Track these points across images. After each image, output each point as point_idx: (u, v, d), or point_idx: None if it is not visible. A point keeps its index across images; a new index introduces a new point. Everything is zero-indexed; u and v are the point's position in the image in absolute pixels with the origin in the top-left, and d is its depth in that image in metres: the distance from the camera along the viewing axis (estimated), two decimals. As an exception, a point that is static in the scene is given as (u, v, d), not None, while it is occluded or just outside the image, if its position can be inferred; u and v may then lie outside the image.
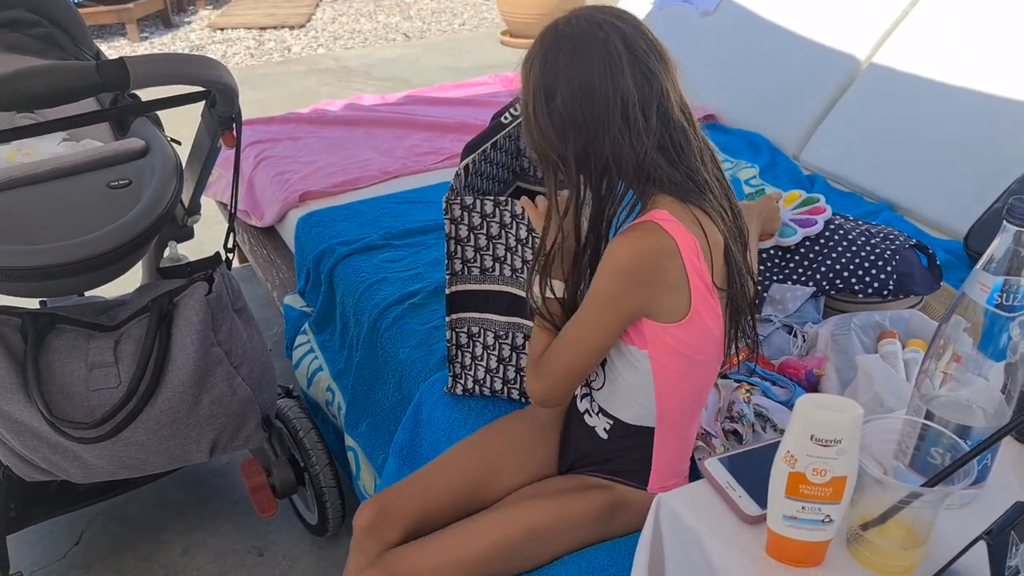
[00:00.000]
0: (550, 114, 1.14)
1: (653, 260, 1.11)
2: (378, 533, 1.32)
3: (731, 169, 2.54)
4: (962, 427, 0.88)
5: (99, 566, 1.95)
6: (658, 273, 1.12)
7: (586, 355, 1.20)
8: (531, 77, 1.15)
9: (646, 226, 1.12)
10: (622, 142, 1.12)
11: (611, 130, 1.11)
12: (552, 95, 1.13)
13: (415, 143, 2.75)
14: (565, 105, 1.12)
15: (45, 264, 1.41)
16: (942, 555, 0.80)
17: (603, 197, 1.18)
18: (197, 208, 1.87)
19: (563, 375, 1.22)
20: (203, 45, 5.94)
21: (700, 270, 1.13)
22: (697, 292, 1.14)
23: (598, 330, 1.17)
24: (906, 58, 2.48)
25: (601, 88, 1.10)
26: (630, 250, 1.12)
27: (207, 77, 1.42)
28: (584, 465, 1.33)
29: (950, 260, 1.97)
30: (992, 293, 0.83)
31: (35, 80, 1.27)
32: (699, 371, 1.22)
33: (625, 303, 1.14)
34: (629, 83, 1.10)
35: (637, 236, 1.12)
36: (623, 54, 1.10)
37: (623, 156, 1.12)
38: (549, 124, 1.14)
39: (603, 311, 1.16)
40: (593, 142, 1.13)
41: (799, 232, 1.76)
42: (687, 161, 1.16)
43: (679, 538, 0.94)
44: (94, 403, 1.48)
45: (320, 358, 2.11)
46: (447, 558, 1.24)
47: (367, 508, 1.34)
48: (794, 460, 0.80)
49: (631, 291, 1.13)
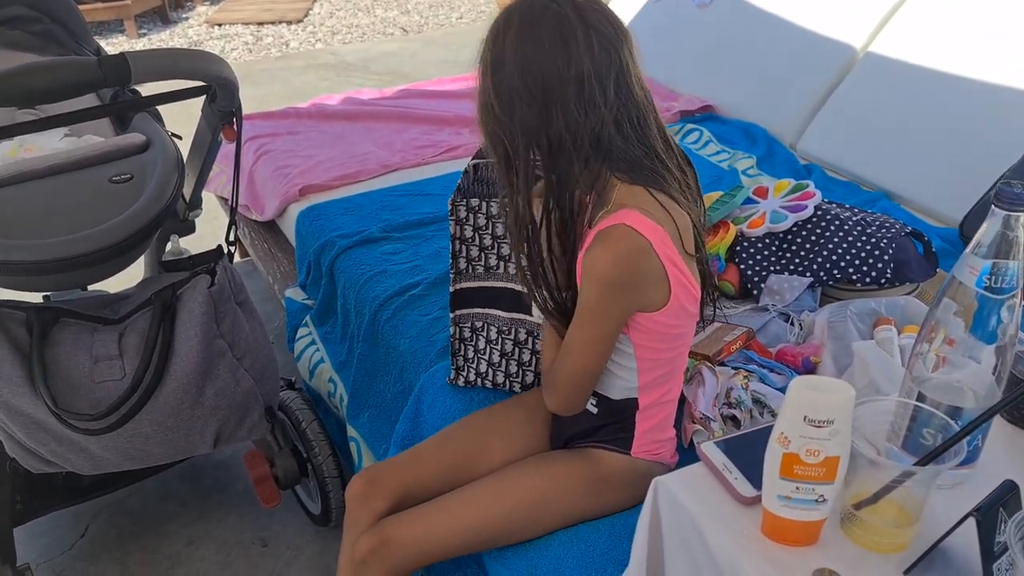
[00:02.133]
0: (495, 88, 1.12)
1: (632, 263, 1.12)
2: (367, 503, 1.36)
3: (728, 159, 2.56)
4: (953, 408, 0.90)
5: (105, 558, 1.97)
6: (639, 275, 1.13)
7: (589, 363, 1.21)
8: (483, 51, 1.15)
9: (618, 231, 1.11)
10: (578, 116, 1.09)
11: (565, 103, 1.09)
12: (498, 69, 1.12)
13: (414, 136, 2.76)
14: (511, 79, 1.10)
15: (49, 258, 1.42)
16: (934, 533, 0.82)
17: (561, 177, 1.15)
18: (198, 202, 1.88)
19: (573, 384, 1.24)
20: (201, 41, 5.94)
21: (675, 259, 1.15)
22: (675, 280, 1.16)
23: (596, 339, 1.18)
24: (902, 47, 2.49)
25: (552, 59, 1.08)
26: (608, 259, 1.12)
27: (208, 72, 1.43)
28: (572, 440, 1.37)
29: (946, 248, 1.99)
30: (981, 276, 0.85)
31: (37, 76, 1.28)
32: (678, 342, 1.25)
33: (615, 309, 1.16)
34: (583, 54, 1.08)
35: (612, 243, 1.12)
36: (577, 25, 1.08)
37: (579, 130, 1.10)
38: (495, 99, 1.13)
39: (597, 321, 1.17)
40: (544, 115, 1.10)
41: (790, 217, 1.78)
42: (646, 140, 1.15)
43: (677, 520, 0.96)
44: (99, 395, 1.50)
45: (322, 350, 2.12)
46: (441, 525, 1.28)
47: (358, 479, 1.39)
48: (788, 441, 0.81)
49: (618, 297, 1.15)
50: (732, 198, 1.92)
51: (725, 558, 0.88)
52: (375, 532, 1.29)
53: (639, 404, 1.28)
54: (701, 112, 2.88)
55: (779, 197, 1.89)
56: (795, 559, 0.85)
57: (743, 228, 1.83)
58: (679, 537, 0.96)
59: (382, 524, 1.31)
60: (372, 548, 1.28)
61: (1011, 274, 0.84)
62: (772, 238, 1.81)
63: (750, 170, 2.48)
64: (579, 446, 1.35)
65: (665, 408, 1.31)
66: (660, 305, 1.17)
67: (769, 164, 2.50)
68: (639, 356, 1.23)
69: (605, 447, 1.32)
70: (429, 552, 1.29)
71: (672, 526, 0.97)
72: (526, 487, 1.29)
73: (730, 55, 2.95)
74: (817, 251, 1.76)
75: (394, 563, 1.28)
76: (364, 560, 1.28)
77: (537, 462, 1.34)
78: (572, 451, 1.35)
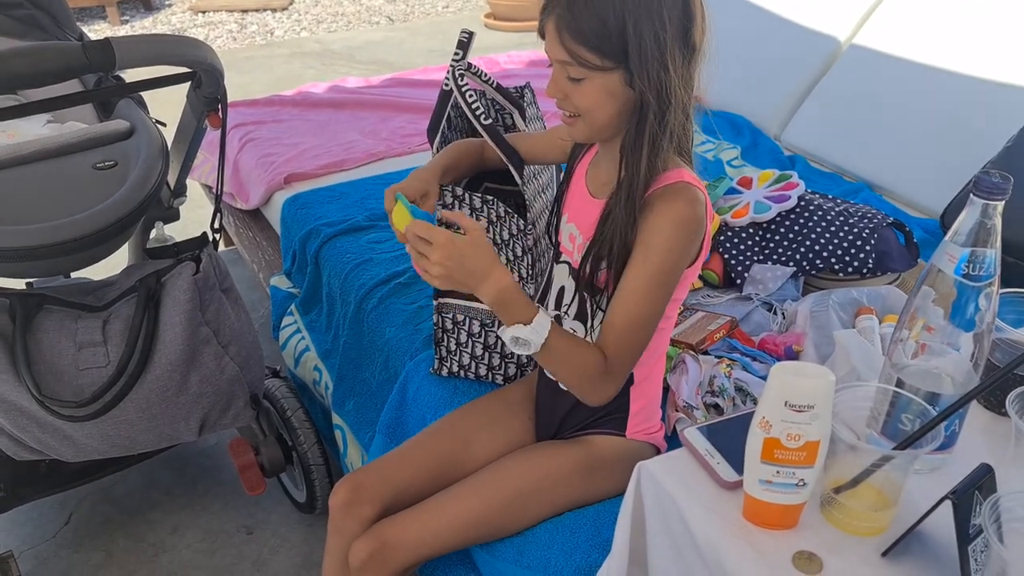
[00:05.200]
0: (672, 43, 1.12)
1: (700, 214, 1.14)
2: (353, 510, 1.34)
3: (713, 150, 2.57)
4: (931, 395, 0.91)
5: (89, 545, 1.97)
6: (703, 225, 1.16)
7: (647, 308, 1.16)
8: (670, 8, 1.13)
9: (683, 184, 1.14)
10: (680, 79, 1.13)
11: (678, 63, 1.13)
12: (670, 23, 1.12)
13: (400, 125, 2.76)
14: (673, 38, 1.12)
15: (32, 244, 1.41)
16: (912, 517, 0.83)
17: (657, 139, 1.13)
18: (183, 190, 1.87)
19: (633, 360, 1.19)
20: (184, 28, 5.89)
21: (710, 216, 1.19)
22: (707, 236, 1.19)
23: (660, 282, 1.15)
24: (886, 39, 2.50)
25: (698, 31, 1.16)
26: (683, 203, 1.13)
27: (192, 57, 1.43)
28: (563, 429, 1.37)
29: (927, 238, 2.01)
30: (960, 263, 0.86)
31: (19, 60, 1.27)
32: (670, 320, 1.26)
33: (683, 254, 1.15)
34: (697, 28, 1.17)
35: (683, 192, 1.13)
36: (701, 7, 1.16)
37: (679, 96, 1.13)
38: (676, 52, 1.13)
39: (664, 261, 1.13)
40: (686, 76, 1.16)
41: (773, 208, 1.79)
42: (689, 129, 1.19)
43: (659, 505, 0.97)
44: (83, 382, 1.50)
45: (307, 338, 2.12)
46: (439, 523, 1.27)
47: (342, 487, 1.36)
48: (769, 426, 0.82)
49: (687, 242, 1.14)
50: (714, 188, 1.94)
51: (707, 542, 0.89)
52: (373, 536, 1.27)
53: (634, 378, 1.28)
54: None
55: (763, 187, 1.90)
56: (776, 542, 0.86)
57: (727, 218, 1.85)
58: (662, 521, 0.97)
59: (379, 528, 1.29)
60: (371, 552, 1.26)
61: (989, 262, 0.86)
62: (756, 228, 1.83)
63: (734, 161, 2.49)
64: (572, 435, 1.35)
65: (653, 385, 1.32)
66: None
67: (753, 155, 2.52)
68: None
69: (599, 432, 1.32)
70: (428, 551, 1.28)
71: (655, 511, 0.98)
72: (521, 477, 1.29)
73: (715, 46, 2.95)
74: (800, 241, 1.77)
75: (395, 565, 1.27)
76: (363, 565, 1.26)
77: (531, 452, 1.34)
78: (563, 440, 1.36)
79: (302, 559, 1.93)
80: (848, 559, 0.84)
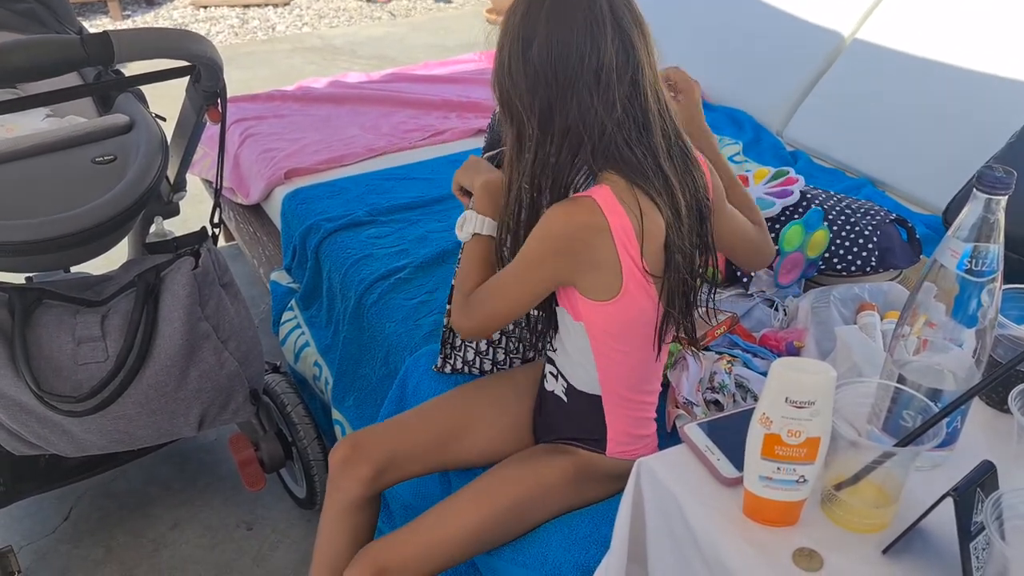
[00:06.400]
0: (524, 63, 1.13)
1: (582, 235, 1.13)
2: (350, 468, 1.36)
3: (715, 145, 2.56)
4: (933, 391, 0.90)
5: (89, 541, 1.97)
6: (584, 248, 1.13)
7: (510, 307, 1.23)
8: (511, 23, 1.15)
9: (583, 202, 1.13)
10: (590, 106, 1.11)
11: (580, 91, 1.11)
12: (529, 44, 1.12)
13: (400, 120, 2.75)
14: (540, 57, 1.11)
15: (31, 239, 1.41)
16: (913, 514, 0.83)
17: (561, 161, 1.16)
18: (183, 184, 1.87)
19: (489, 318, 1.25)
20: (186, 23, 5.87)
21: (632, 253, 1.13)
22: (629, 273, 1.14)
23: (522, 287, 1.20)
24: (890, 34, 2.49)
25: (579, 47, 1.10)
26: (561, 220, 1.14)
27: (191, 51, 1.42)
28: (551, 433, 1.37)
29: (929, 234, 2.00)
30: (962, 259, 0.85)
31: (18, 53, 1.27)
32: (637, 349, 1.23)
33: (547, 269, 1.17)
34: (608, 49, 1.10)
35: (571, 209, 1.13)
36: (607, 19, 1.10)
37: (589, 120, 1.12)
38: (522, 73, 1.13)
39: (527, 271, 1.18)
40: (560, 100, 1.12)
41: (777, 204, 1.78)
42: (647, 144, 1.15)
43: (659, 501, 0.96)
44: (82, 377, 1.49)
45: (307, 334, 2.12)
46: (433, 541, 1.26)
47: (342, 444, 1.39)
48: (769, 422, 0.82)
49: (554, 259, 1.16)
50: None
51: (707, 539, 0.88)
52: (368, 562, 1.25)
53: (604, 402, 1.27)
54: (688, 98, 2.88)
55: (761, 184, 1.89)
56: (776, 539, 0.86)
57: (730, 215, 1.84)
58: (661, 518, 0.96)
59: (374, 552, 1.27)
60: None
61: (992, 257, 0.85)
62: (758, 225, 1.82)
63: (736, 156, 2.48)
64: (557, 441, 1.35)
65: (637, 409, 1.29)
66: (608, 296, 1.16)
67: (755, 151, 2.51)
68: (595, 348, 1.22)
69: (582, 446, 1.31)
70: (425, 569, 1.27)
71: (654, 507, 0.97)
72: (510, 491, 1.28)
73: (718, 41, 2.95)
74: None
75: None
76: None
77: (518, 465, 1.33)
78: (552, 448, 1.34)
79: (302, 555, 1.93)
80: (849, 556, 0.83)
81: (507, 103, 1.18)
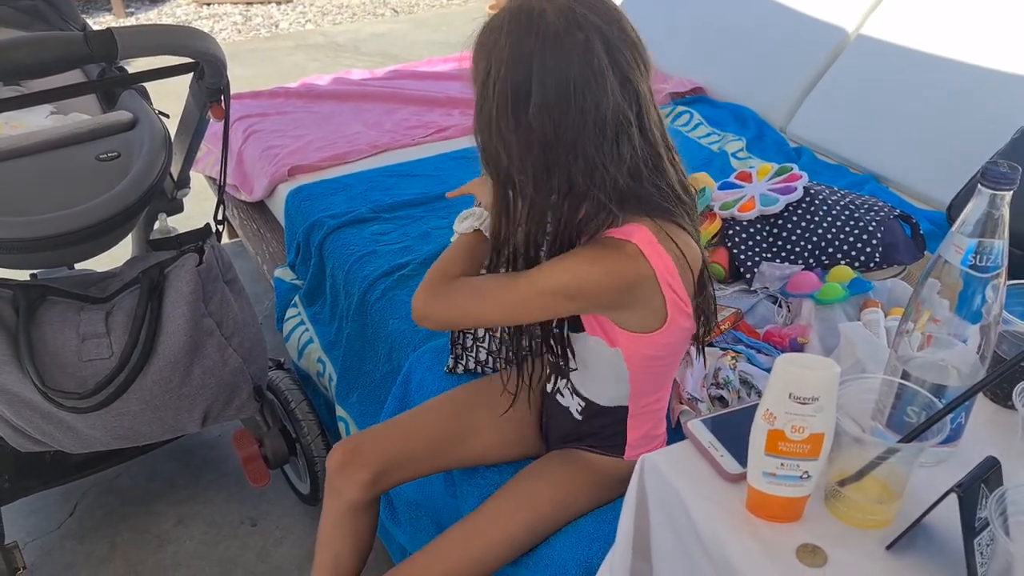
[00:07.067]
0: (516, 124, 1.02)
1: (624, 284, 1.06)
2: (348, 471, 1.35)
3: (718, 142, 2.56)
4: (937, 387, 0.90)
5: (93, 536, 1.97)
6: (625, 294, 1.08)
7: (493, 317, 1.17)
8: (493, 73, 1.03)
9: (626, 248, 1.04)
10: (596, 162, 1.02)
11: (585, 148, 1.01)
12: (519, 103, 1.01)
13: (404, 117, 2.75)
14: (536, 119, 1.00)
15: (35, 236, 1.41)
16: (917, 510, 0.83)
17: (566, 218, 1.07)
18: (186, 181, 1.87)
19: (459, 315, 1.17)
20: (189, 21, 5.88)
21: (676, 288, 1.09)
22: (673, 305, 1.10)
23: (524, 308, 1.11)
24: (894, 30, 2.49)
25: (578, 104, 0.99)
26: (600, 269, 1.05)
27: (195, 48, 1.42)
28: (563, 438, 1.35)
29: (933, 230, 2.00)
30: (967, 255, 0.85)
31: (21, 50, 1.27)
32: (672, 359, 1.22)
33: (565, 307, 1.11)
34: (609, 100, 1.00)
35: (612, 257, 1.05)
36: (606, 66, 1.00)
37: (597, 178, 1.02)
38: (513, 134, 1.03)
39: (542, 296, 1.09)
40: (563, 163, 1.02)
41: (781, 200, 1.78)
42: (662, 179, 1.08)
43: (663, 497, 0.96)
44: (86, 373, 1.49)
45: (311, 330, 2.12)
46: (461, 561, 1.24)
47: (339, 448, 1.37)
48: (773, 418, 0.82)
49: (578, 303, 1.10)
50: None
51: (710, 534, 0.88)
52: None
53: (629, 411, 1.25)
54: (691, 94, 2.88)
55: (764, 181, 1.89)
56: (779, 535, 0.86)
57: (734, 212, 1.83)
58: (665, 514, 0.96)
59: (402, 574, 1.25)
60: None
61: (996, 253, 0.85)
62: (763, 222, 1.81)
63: (739, 153, 2.48)
64: (570, 447, 1.33)
65: (657, 413, 1.29)
66: (652, 327, 1.12)
67: (759, 147, 2.50)
68: (632, 369, 1.18)
69: (597, 452, 1.30)
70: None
71: (658, 503, 0.97)
72: (533, 509, 1.26)
73: (721, 37, 2.94)
74: (808, 237, 1.76)
75: None
76: None
77: (537, 479, 1.30)
78: (566, 457, 1.32)
79: (306, 551, 1.93)
80: (852, 552, 0.83)
81: (493, 160, 1.07)
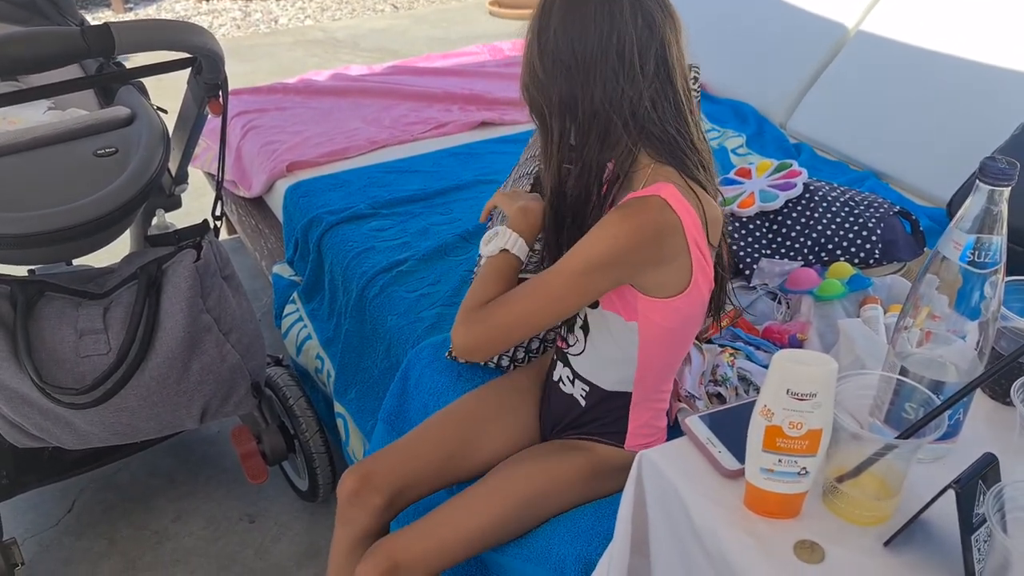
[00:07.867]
0: (542, 56, 1.11)
1: (654, 235, 1.08)
2: (362, 500, 1.32)
3: (718, 138, 2.55)
4: (935, 383, 0.90)
5: (91, 533, 1.97)
6: (656, 248, 1.10)
7: (537, 315, 1.16)
8: (531, 24, 1.14)
9: (651, 201, 1.09)
10: (616, 87, 1.08)
11: (605, 73, 1.08)
12: (544, 35, 1.10)
13: (402, 113, 2.74)
14: (556, 45, 1.09)
15: (33, 231, 1.41)
16: (915, 506, 0.83)
17: (594, 147, 1.13)
18: (184, 177, 1.87)
19: (503, 333, 1.17)
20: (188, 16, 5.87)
21: (701, 245, 1.12)
22: (698, 266, 1.13)
23: (569, 296, 1.14)
24: (894, 26, 2.48)
25: (597, 27, 1.07)
26: (631, 225, 1.08)
27: (192, 43, 1.42)
28: (564, 430, 1.35)
29: (933, 227, 1.99)
30: (965, 250, 0.85)
31: (19, 45, 1.26)
32: (683, 338, 1.23)
33: (607, 278, 1.13)
34: (628, 26, 1.07)
35: (642, 211, 1.08)
36: (627, 3, 1.07)
37: (616, 101, 1.09)
38: (539, 63, 1.12)
39: (585, 275, 1.12)
40: (584, 85, 1.09)
41: (780, 196, 1.78)
42: (682, 122, 1.12)
43: (661, 493, 0.96)
44: (84, 369, 1.49)
45: (309, 326, 2.12)
46: (447, 537, 1.25)
47: (349, 477, 1.34)
48: (771, 414, 0.82)
49: (618, 267, 1.11)
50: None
51: (708, 531, 0.88)
52: (381, 557, 1.23)
53: (633, 397, 1.25)
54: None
55: (763, 177, 1.89)
56: (777, 531, 0.86)
57: (734, 208, 1.83)
58: (663, 510, 0.96)
59: (387, 547, 1.25)
60: (381, 574, 1.23)
61: (994, 249, 0.85)
62: (763, 219, 1.81)
63: (739, 149, 2.48)
64: (571, 437, 1.34)
65: (660, 401, 1.29)
66: (676, 291, 1.14)
67: (759, 143, 2.50)
68: (642, 347, 1.19)
69: (597, 439, 1.30)
70: (439, 565, 1.26)
71: (656, 500, 0.97)
72: (525, 487, 1.27)
73: (721, 32, 2.94)
74: (807, 233, 1.76)
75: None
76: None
77: (533, 460, 1.31)
78: (565, 444, 1.33)
79: (304, 547, 1.93)
80: (850, 548, 0.83)
81: (533, 103, 1.16)
